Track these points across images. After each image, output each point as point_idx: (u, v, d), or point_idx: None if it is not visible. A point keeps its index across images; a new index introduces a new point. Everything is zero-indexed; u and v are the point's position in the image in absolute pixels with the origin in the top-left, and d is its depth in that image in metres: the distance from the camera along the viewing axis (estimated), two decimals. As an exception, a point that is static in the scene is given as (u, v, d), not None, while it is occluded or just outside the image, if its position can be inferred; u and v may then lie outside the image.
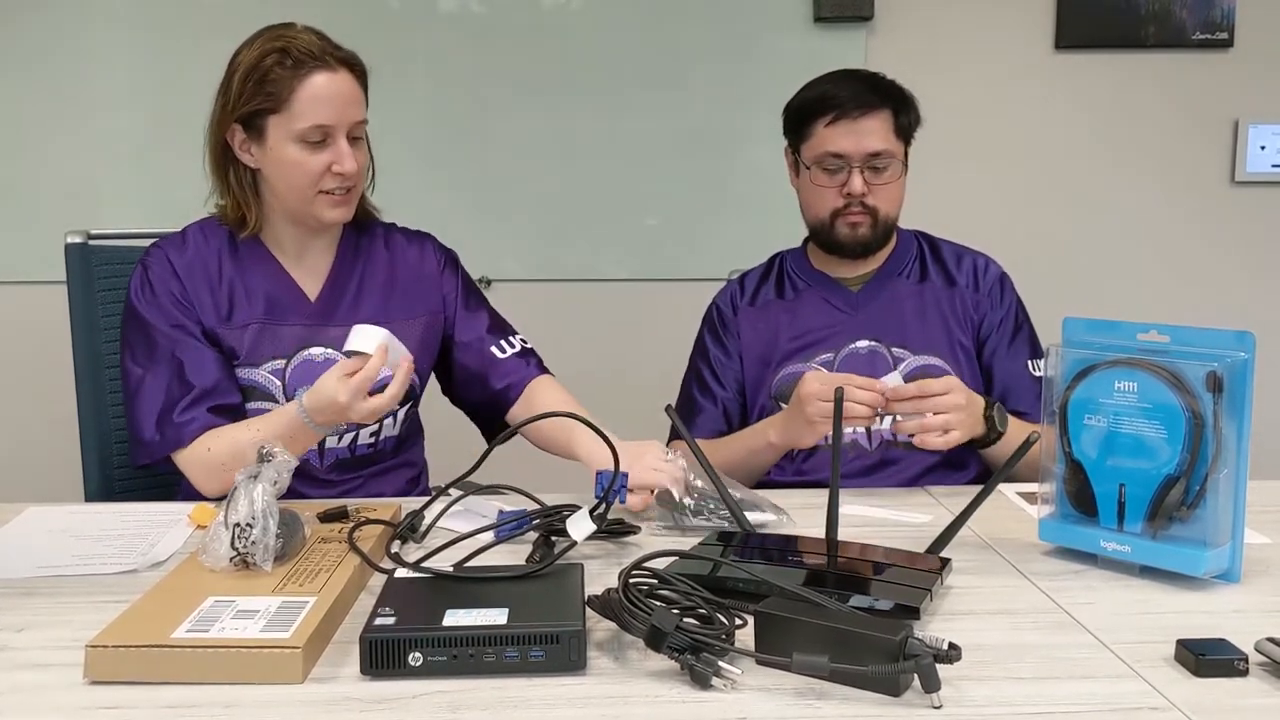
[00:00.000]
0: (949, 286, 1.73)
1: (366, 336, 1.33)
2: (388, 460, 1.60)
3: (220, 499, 1.30)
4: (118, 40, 2.53)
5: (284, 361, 1.52)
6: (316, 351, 1.53)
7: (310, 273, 1.56)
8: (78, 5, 2.51)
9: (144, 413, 1.46)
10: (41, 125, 2.53)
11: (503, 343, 1.63)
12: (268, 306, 1.52)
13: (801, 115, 1.68)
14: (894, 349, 1.68)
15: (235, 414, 1.48)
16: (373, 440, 1.56)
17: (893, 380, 1.46)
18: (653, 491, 1.31)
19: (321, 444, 1.52)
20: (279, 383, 1.51)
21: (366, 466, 1.57)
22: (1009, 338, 1.71)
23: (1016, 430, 1.53)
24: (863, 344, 1.68)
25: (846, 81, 1.65)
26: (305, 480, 1.51)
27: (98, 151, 2.55)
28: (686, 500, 1.31)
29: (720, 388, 1.74)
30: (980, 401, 1.49)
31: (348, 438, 1.54)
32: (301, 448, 1.42)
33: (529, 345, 1.65)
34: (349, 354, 1.36)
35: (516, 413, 1.59)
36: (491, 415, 1.64)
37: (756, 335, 1.74)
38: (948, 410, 1.44)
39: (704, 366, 1.76)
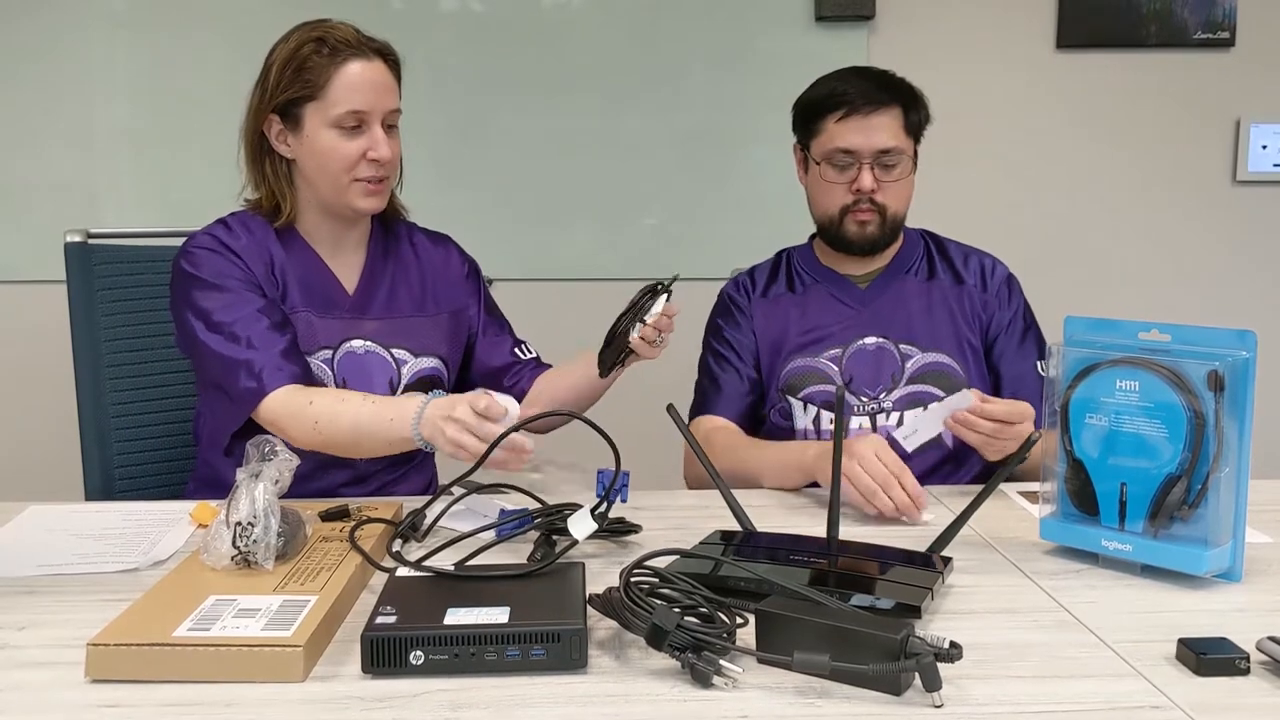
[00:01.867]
0: (957, 284, 1.73)
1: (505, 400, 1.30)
2: (417, 459, 1.61)
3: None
4: (118, 40, 2.52)
5: (331, 352, 1.52)
6: (357, 344, 1.54)
7: (345, 266, 1.57)
8: (78, 5, 2.51)
9: (253, 353, 1.40)
10: (41, 125, 2.53)
11: (523, 347, 1.70)
12: (312, 296, 1.53)
13: (811, 111, 1.68)
14: (901, 345, 1.67)
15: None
16: None
17: (966, 400, 1.44)
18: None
19: None
20: (330, 372, 1.51)
21: (400, 466, 1.58)
22: (1018, 338, 1.71)
23: None
24: (870, 340, 1.68)
25: (857, 78, 1.66)
26: (340, 471, 1.51)
27: (97, 151, 2.54)
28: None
29: (740, 361, 1.73)
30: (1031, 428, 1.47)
31: None
32: (386, 444, 1.37)
33: (537, 354, 1.70)
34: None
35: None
36: None
37: (769, 323, 1.74)
38: (1011, 439, 1.43)
39: (720, 345, 1.75)
